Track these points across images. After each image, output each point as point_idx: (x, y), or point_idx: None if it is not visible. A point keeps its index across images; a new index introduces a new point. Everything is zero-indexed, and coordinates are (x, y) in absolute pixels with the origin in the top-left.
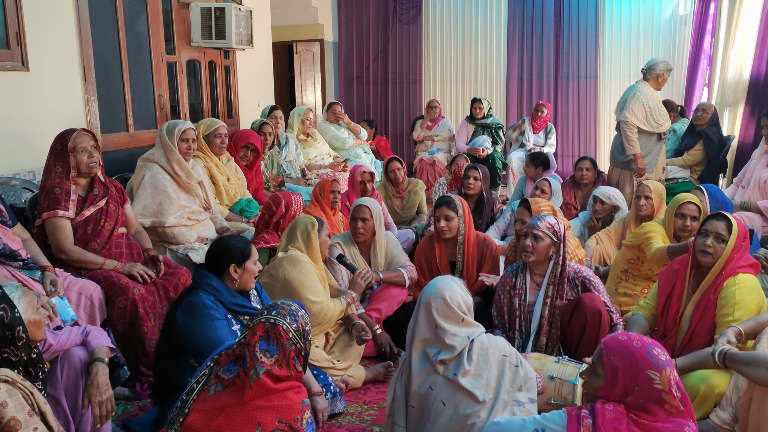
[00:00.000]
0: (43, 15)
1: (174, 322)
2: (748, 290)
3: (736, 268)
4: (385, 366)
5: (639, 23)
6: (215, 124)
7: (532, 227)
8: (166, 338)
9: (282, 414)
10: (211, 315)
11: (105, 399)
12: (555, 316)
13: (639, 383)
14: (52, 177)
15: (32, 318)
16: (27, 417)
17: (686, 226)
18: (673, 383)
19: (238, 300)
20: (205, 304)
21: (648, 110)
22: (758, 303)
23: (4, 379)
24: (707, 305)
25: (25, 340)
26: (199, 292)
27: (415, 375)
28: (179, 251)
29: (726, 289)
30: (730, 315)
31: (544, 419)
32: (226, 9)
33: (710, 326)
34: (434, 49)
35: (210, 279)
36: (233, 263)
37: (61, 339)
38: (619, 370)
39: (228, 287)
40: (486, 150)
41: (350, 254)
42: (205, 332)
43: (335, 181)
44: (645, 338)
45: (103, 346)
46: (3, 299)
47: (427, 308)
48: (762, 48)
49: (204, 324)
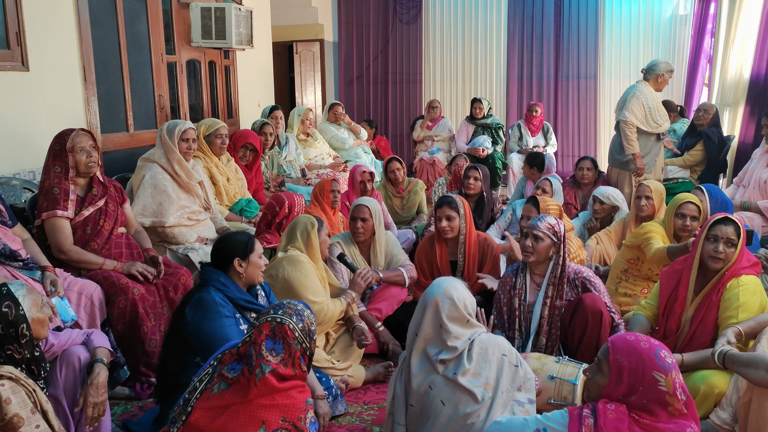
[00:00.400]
0: (43, 15)
1: (183, 318)
2: (751, 292)
3: (739, 269)
4: (385, 366)
5: (639, 23)
6: (216, 125)
7: (532, 228)
8: (174, 335)
9: (286, 413)
10: (220, 312)
11: (100, 401)
12: (555, 317)
13: (644, 384)
14: (51, 177)
15: (36, 316)
16: (30, 414)
17: (686, 226)
18: (678, 386)
19: (245, 296)
20: (215, 300)
21: (647, 110)
22: (761, 305)
23: (8, 375)
24: (709, 306)
25: (28, 338)
26: (209, 288)
27: (415, 374)
28: (179, 251)
29: (729, 290)
30: (734, 317)
31: (545, 419)
32: (226, 9)
33: (712, 327)
34: (434, 49)
35: (218, 275)
36: (237, 257)
37: (62, 339)
38: (625, 369)
39: (236, 283)
40: (486, 150)
41: (350, 254)
42: (213, 329)
43: (335, 180)
44: (652, 340)
45: (103, 348)
46: (8, 297)
47: (434, 308)
48: (762, 48)
49: (213, 321)
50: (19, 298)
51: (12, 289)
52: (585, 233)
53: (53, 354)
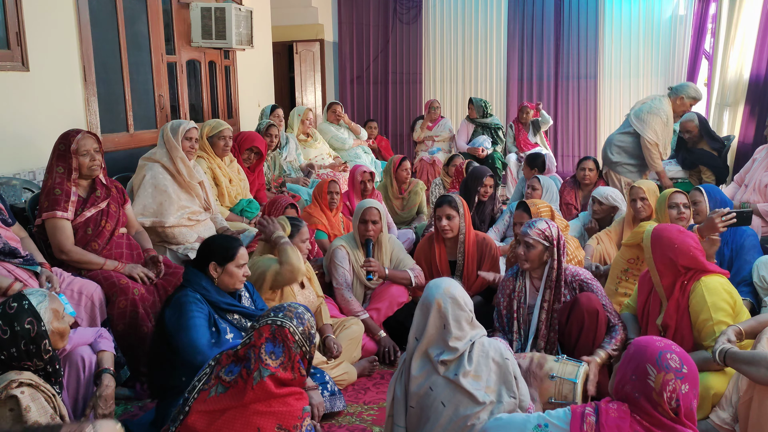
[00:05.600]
0: (43, 15)
1: (163, 319)
2: (715, 290)
3: (698, 274)
4: (370, 361)
5: (639, 23)
6: (220, 126)
7: (523, 235)
8: (158, 336)
9: (282, 420)
10: (190, 314)
11: (108, 413)
12: (553, 320)
13: (637, 373)
14: (53, 177)
15: (57, 327)
16: (50, 420)
17: (681, 214)
18: (670, 391)
19: (227, 299)
20: (189, 301)
21: (664, 131)
22: (729, 301)
23: (28, 382)
24: (680, 311)
25: (51, 354)
26: (187, 290)
27: (415, 376)
28: (179, 251)
29: (694, 294)
30: (710, 319)
31: (548, 415)
32: (226, 9)
33: (689, 333)
34: (434, 49)
35: (199, 278)
36: (214, 261)
37: (73, 340)
38: (629, 354)
39: (216, 286)
40: (486, 150)
41: (354, 256)
42: (181, 330)
43: (333, 181)
44: (674, 345)
45: (109, 353)
46: (29, 312)
47: (437, 309)
48: (762, 48)
49: (183, 321)
50: (40, 311)
51: (33, 302)
52: (585, 234)
53: (63, 352)
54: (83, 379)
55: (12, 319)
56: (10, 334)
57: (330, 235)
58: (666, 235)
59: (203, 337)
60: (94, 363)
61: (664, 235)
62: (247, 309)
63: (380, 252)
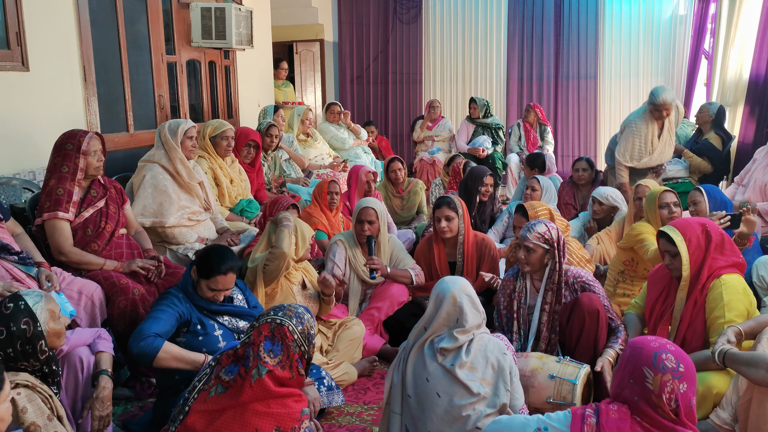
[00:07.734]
0: (43, 15)
1: None
2: (734, 290)
3: (719, 269)
4: (370, 361)
5: (639, 23)
6: (223, 126)
7: (522, 239)
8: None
9: (280, 422)
10: (159, 304)
11: (105, 415)
12: (554, 322)
13: (634, 377)
14: (57, 177)
15: (53, 328)
16: (47, 422)
17: (672, 213)
18: (668, 392)
19: (215, 307)
20: (165, 295)
21: (637, 147)
22: (746, 303)
23: (24, 383)
24: (696, 309)
25: (47, 354)
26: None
27: (413, 365)
28: (179, 251)
29: (713, 291)
30: (722, 317)
31: (547, 418)
32: (226, 9)
33: (701, 330)
34: (434, 49)
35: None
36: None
37: (72, 341)
38: (625, 358)
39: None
40: (486, 150)
41: (353, 255)
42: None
43: (333, 181)
44: (669, 344)
45: (107, 354)
46: (26, 312)
47: (451, 302)
48: (762, 48)
49: (150, 312)
50: (36, 311)
51: (29, 302)
52: (585, 234)
53: (61, 353)
54: (81, 380)
55: (8, 319)
56: (6, 334)
57: (330, 236)
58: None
59: (153, 327)
60: (93, 364)
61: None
62: (237, 308)
63: (380, 251)
